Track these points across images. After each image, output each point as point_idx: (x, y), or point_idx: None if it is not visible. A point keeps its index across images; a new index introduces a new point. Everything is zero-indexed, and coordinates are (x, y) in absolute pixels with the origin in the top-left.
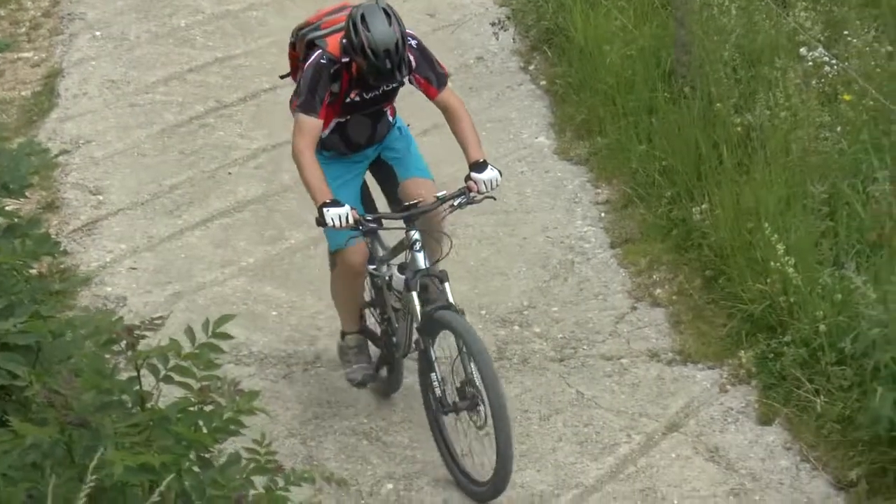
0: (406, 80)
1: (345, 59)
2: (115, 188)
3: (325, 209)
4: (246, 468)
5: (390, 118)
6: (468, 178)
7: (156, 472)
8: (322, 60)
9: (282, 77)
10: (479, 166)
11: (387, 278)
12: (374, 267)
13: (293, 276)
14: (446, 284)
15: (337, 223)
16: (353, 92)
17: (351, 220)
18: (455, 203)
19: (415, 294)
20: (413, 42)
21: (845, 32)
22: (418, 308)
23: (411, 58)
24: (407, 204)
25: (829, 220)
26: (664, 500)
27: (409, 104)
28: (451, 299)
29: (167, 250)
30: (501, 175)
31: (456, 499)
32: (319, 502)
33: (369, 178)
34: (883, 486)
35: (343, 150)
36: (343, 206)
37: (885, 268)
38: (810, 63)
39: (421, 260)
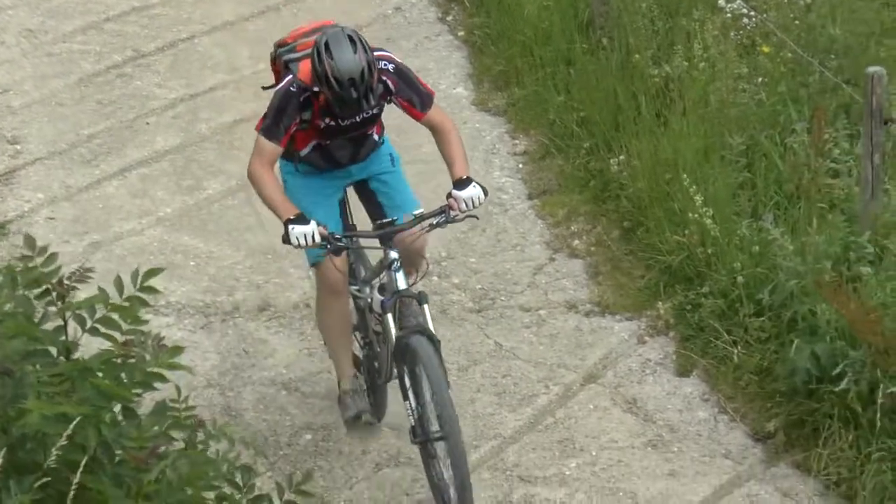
0: (383, 104)
1: (316, 88)
2: (33, 137)
3: (289, 226)
4: (167, 421)
5: (376, 137)
6: (449, 195)
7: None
8: (291, 88)
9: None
10: (461, 183)
11: (369, 300)
12: (356, 287)
13: (211, 226)
14: (425, 307)
15: (302, 242)
16: (325, 118)
17: (318, 238)
18: (434, 222)
19: (390, 316)
20: (389, 66)
21: None
22: (393, 331)
23: (388, 82)
24: (382, 222)
25: (747, 171)
26: (582, 451)
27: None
28: (429, 324)
29: (85, 200)
30: (487, 194)
31: (375, 448)
32: (238, 454)
33: (352, 197)
34: (800, 438)
35: (323, 167)
36: (309, 222)
37: (803, 219)
38: (728, 15)
39: (400, 280)
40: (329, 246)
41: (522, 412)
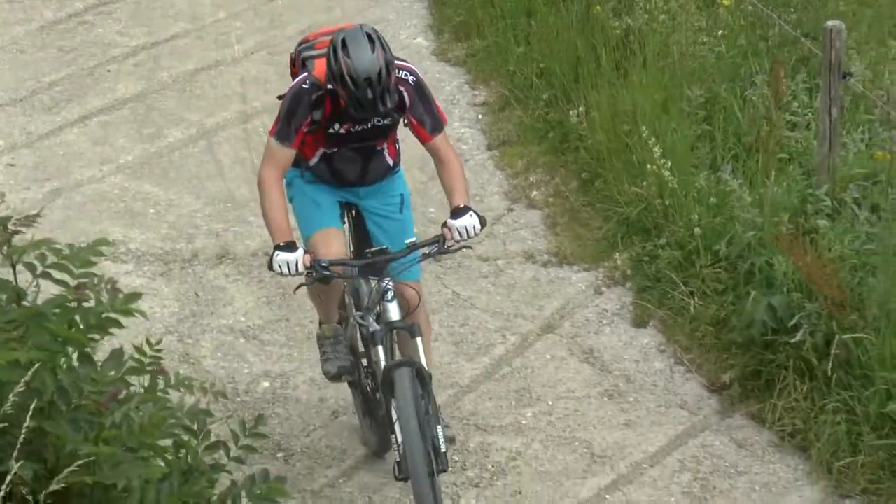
0: (397, 117)
1: (329, 86)
2: None
3: (275, 252)
4: (125, 366)
5: (389, 160)
6: (444, 224)
7: (28, 370)
8: (304, 85)
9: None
10: (458, 212)
11: (370, 329)
12: (361, 315)
13: (171, 174)
14: (418, 340)
15: (284, 270)
16: (337, 122)
17: (300, 267)
18: (427, 251)
19: (381, 347)
20: (410, 77)
21: None
22: (382, 362)
23: (405, 94)
24: (372, 251)
25: (706, 123)
26: (538, 400)
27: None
28: (421, 357)
29: (45, 147)
30: (485, 223)
31: (332, 396)
32: (196, 401)
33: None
34: (756, 389)
35: (329, 181)
36: (295, 250)
37: (761, 171)
38: None
39: (393, 311)
40: (314, 275)
41: (479, 361)
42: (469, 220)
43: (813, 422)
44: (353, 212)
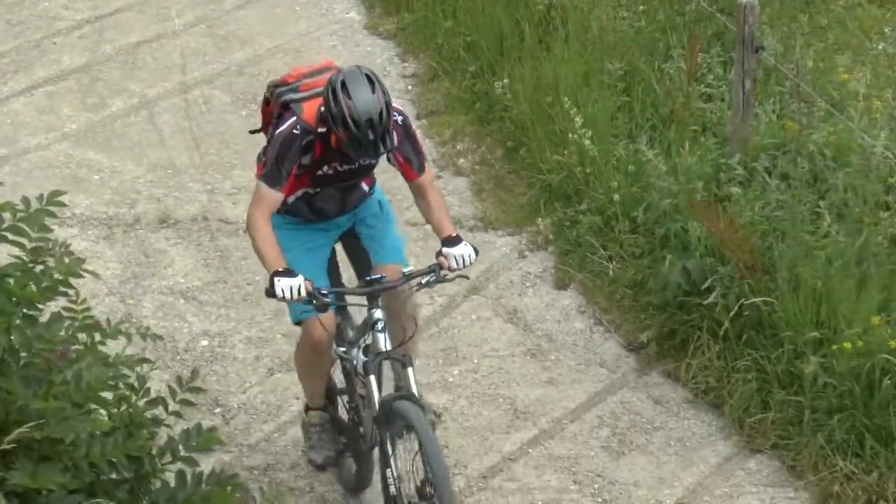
0: (385, 156)
1: (321, 130)
2: None
3: (275, 278)
4: (72, 325)
5: (365, 187)
6: (439, 253)
7: None
8: (295, 131)
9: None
10: (452, 241)
11: (355, 363)
12: (344, 350)
13: (115, 142)
14: (409, 370)
15: (287, 295)
16: (325, 165)
17: (303, 293)
18: (423, 280)
19: (373, 378)
20: (399, 118)
21: None
22: (376, 395)
23: (395, 133)
24: (370, 279)
25: (625, 95)
26: (465, 359)
27: None
28: (413, 388)
29: None
30: (477, 253)
31: (268, 354)
32: (136, 354)
33: (340, 253)
34: (671, 348)
35: (310, 218)
36: (296, 276)
37: (677, 141)
38: None
39: (382, 341)
40: (315, 301)
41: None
42: (465, 249)
43: (725, 380)
44: (343, 243)
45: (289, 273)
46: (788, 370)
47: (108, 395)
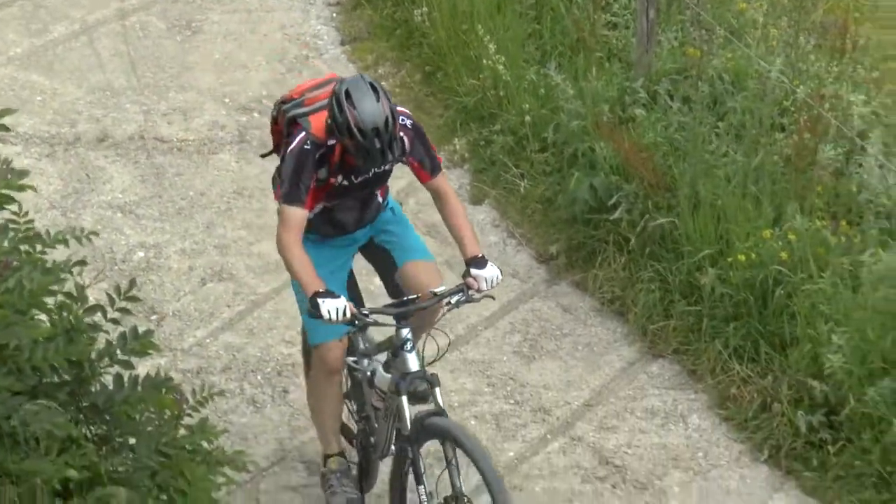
0: (399, 160)
1: (331, 142)
2: None
3: (319, 300)
4: (15, 237)
5: (380, 199)
6: (467, 273)
7: None
8: (306, 146)
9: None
10: (478, 262)
11: (368, 373)
12: (354, 360)
13: (56, 66)
14: (437, 389)
15: (334, 317)
16: (339, 175)
17: (348, 314)
18: (452, 301)
19: (405, 399)
20: (408, 122)
21: None
22: (408, 415)
23: (405, 138)
24: (404, 300)
25: (536, 23)
26: None
27: None
28: (440, 404)
29: None
30: (501, 273)
31: (201, 265)
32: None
33: (362, 264)
34: (579, 260)
35: (329, 233)
36: (339, 297)
37: (583, 67)
38: None
39: (413, 362)
40: (356, 322)
41: None
42: (493, 272)
43: (630, 290)
44: (364, 255)
45: (330, 294)
46: (688, 281)
47: (50, 302)
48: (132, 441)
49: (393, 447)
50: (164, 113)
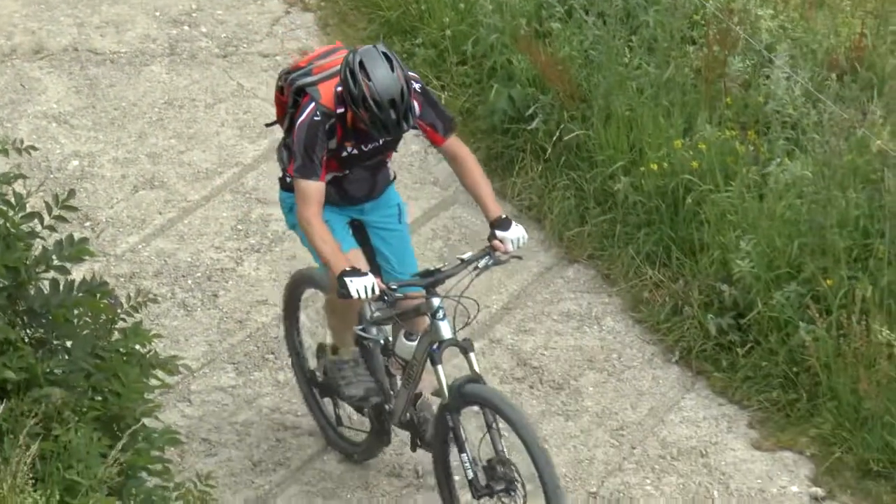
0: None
1: (340, 110)
2: None
3: (347, 279)
4: None
5: (390, 171)
6: (492, 236)
7: None
8: (316, 117)
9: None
10: (502, 223)
11: (381, 341)
12: (362, 328)
13: None
14: (472, 354)
15: (363, 294)
16: (348, 144)
17: (377, 291)
18: (480, 265)
19: (440, 367)
20: (417, 86)
21: None
22: (445, 383)
23: (415, 104)
24: (430, 269)
25: None
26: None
27: None
28: (476, 369)
29: None
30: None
31: (133, 173)
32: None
33: None
34: (498, 168)
35: (337, 202)
36: (366, 274)
37: None
38: None
39: (446, 329)
40: (386, 298)
41: (260, 143)
42: (519, 231)
43: (546, 197)
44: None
45: (357, 272)
46: (603, 189)
47: None
48: (68, 344)
49: (435, 421)
50: (97, 26)
